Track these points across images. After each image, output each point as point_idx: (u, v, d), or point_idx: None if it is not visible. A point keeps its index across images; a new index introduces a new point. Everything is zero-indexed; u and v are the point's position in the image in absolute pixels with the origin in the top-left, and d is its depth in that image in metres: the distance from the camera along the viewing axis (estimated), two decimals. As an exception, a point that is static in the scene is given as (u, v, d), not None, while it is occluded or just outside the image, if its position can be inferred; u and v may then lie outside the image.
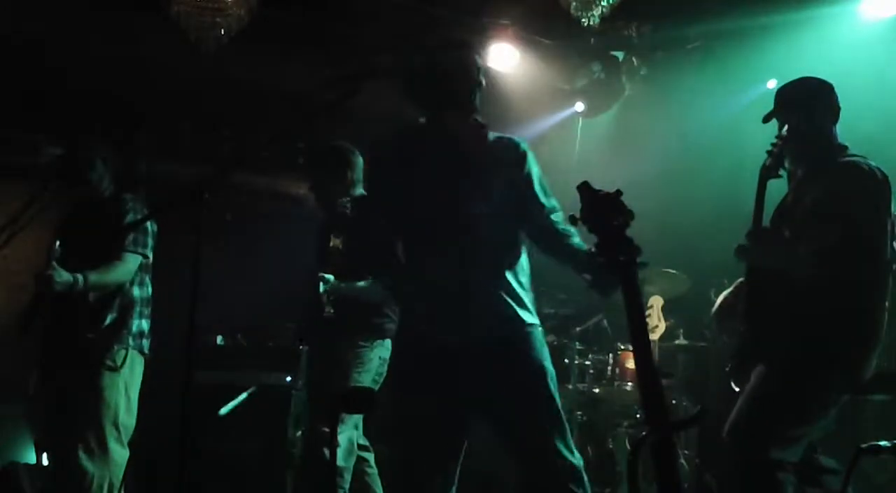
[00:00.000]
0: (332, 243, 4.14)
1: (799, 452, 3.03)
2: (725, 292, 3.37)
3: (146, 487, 4.39)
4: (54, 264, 3.68)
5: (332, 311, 4.04)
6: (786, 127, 3.15)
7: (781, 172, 3.19)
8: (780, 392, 3.02)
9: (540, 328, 2.97)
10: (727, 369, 3.22)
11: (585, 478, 2.84)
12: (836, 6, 5.05)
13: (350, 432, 4.05)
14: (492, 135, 3.03)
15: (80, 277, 3.74)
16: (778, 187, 3.25)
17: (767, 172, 3.17)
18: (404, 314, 3.13)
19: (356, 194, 4.30)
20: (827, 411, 3.04)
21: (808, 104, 3.21)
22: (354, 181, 4.33)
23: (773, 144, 3.18)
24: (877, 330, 3.07)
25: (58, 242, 3.74)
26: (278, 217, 6.15)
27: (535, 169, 3.04)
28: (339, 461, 3.94)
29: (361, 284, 4.13)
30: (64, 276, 3.71)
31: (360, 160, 4.35)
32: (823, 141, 3.20)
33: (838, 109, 3.23)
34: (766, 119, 3.27)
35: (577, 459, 2.84)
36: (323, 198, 4.34)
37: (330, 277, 4.03)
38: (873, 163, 3.12)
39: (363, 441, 4.30)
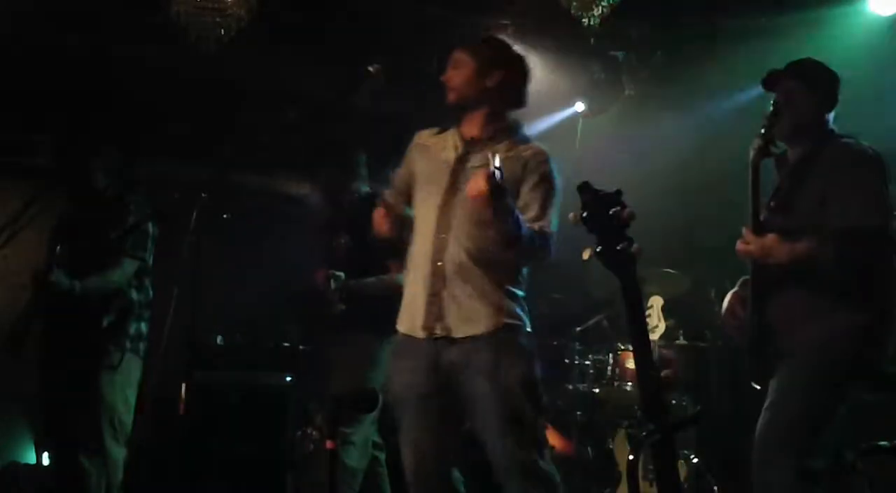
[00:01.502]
0: (342, 240, 4.15)
1: (826, 456, 3.00)
2: (730, 294, 3.36)
3: (146, 487, 4.38)
4: (54, 268, 3.69)
5: (343, 307, 4.03)
6: (774, 99, 3.15)
7: (773, 150, 3.17)
8: (801, 393, 3.00)
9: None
10: (747, 367, 3.20)
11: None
12: (837, 6, 5.05)
13: (367, 430, 4.04)
14: None
15: (77, 283, 3.74)
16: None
17: (759, 154, 3.15)
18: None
19: (363, 190, 4.31)
20: (846, 402, 3.02)
21: (814, 79, 3.22)
22: (361, 177, 4.34)
23: (763, 127, 3.16)
24: (886, 313, 3.04)
25: (58, 247, 3.74)
26: (278, 217, 6.14)
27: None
28: (353, 462, 3.93)
29: (369, 281, 4.12)
30: (61, 280, 3.71)
31: (363, 157, 4.37)
32: (817, 124, 3.21)
33: (836, 100, 3.23)
34: (765, 82, 3.25)
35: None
36: (331, 193, 4.35)
37: (340, 274, 4.03)
38: (865, 142, 3.13)
39: (376, 439, 4.27)
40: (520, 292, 3.07)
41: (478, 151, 3.05)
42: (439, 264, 2.99)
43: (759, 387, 3.14)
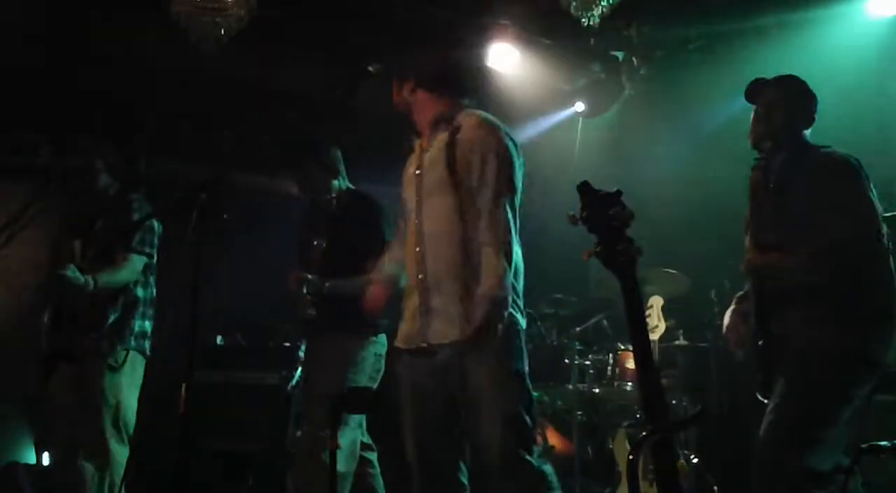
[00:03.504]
0: (315, 242, 4.11)
1: (829, 459, 3.01)
2: (728, 311, 3.38)
3: (146, 487, 4.39)
4: (72, 265, 3.70)
5: (313, 313, 4.01)
6: (755, 109, 3.24)
7: (771, 178, 3.22)
8: (804, 395, 3.02)
9: None
10: (756, 381, 3.20)
11: None
12: (836, 6, 5.05)
13: (354, 433, 4.00)
14: None
15: (90, 279, 3.75)
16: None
17: (756, 186, 3.23)
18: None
19: (342, 188, 4.30)
20: (850, 404, 3.02)
21: (794, 94, 3.28)
22: (340, 174, 4.33)
23: (756, 159, 3.25)
24: (887, 314, 3.06)
25: (76, 243, 3.74)
26: (278, 217, 6.14)
27: None
28: (340, 466, 3.89)
29: (345, 282, 4.04)
30: (76, 276, 3.71)
31: (339, 153, 4.35)
32: (792, 136, 3.25)
33: (813, 118, 3.29)
34: (748, 92, 3.33)
35: None
36: (311, 191, 4.31)
37: (313, 278, 3.99)
38: (843, 152, 3.16)
39: (366, 440, 4.26)
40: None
41: (426, 156, 3.21)
42: (420, 277, 3.10)
43: (766, 400, 3.14)
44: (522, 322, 3.11)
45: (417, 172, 3.21)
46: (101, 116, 5.12)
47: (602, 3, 4.49)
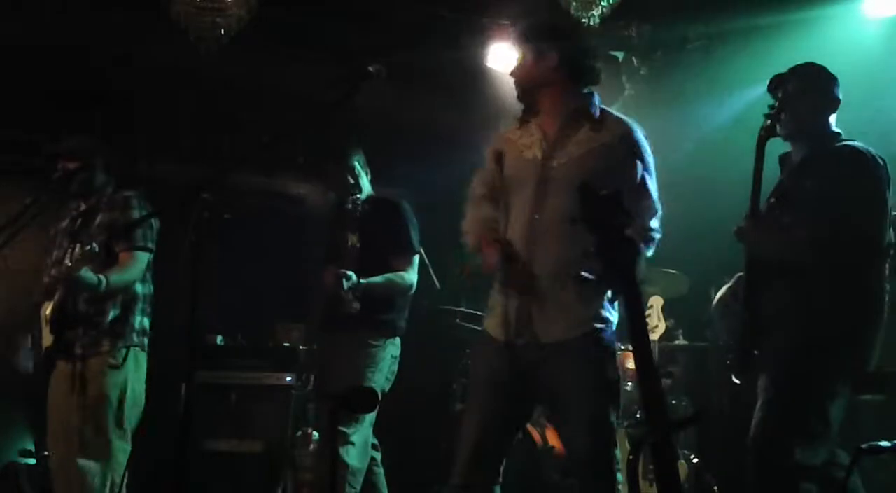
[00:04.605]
0: (349, 242, 4.15)
1: (820, 453, 3.02)
2: (725, 287, 3.39)
3: (146, 486, 4.39)
4: (85, 267, 3.69)
5: (358, 306, 4.03)
6: (781, 92, 3.23)
7: (779, 130, 3.22)
8: (792, 388, 3.03)
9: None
10: (728, 362, 3.23)
11: None
12: (837, 6, 5.06)
13: (366, 431, 4.05)
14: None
15: (102, 278, 3.74)
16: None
17: (766, 133, 3.20)
18: None
19: (368, 190, 4.33)
20: (837, 400, 3.04)
21: (812, 82, 3.27)
22: (366, 176, 4.36)
23: (770, 107, 3.23)
24: (874, 313, 3.08)
25: (94, 245, 3.73)
26: (278, 217, 6.15)
27: None
28: (354, 462, 3.94)
29: (378, 279, 4.13)
30: (90, 277, 3.71)
31: (363, 156, 4.38)
32: (818, 125, 3.25)
33: (838, 101, 3.27)
34: (769, 85, 3.32)
35: None
36: (337, 193, 4.35)
37: (352, 273, 4.03)
38: (872, 149, 3.15)
39: (373, 440, 4.28)
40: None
41: (561, 148, 2.95)
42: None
43: (738, 381, 3.17)
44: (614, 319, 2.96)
45: (541, 157, 2.95)
46: (101, 116, 5.12)
47: (602, 3, 4.50)
